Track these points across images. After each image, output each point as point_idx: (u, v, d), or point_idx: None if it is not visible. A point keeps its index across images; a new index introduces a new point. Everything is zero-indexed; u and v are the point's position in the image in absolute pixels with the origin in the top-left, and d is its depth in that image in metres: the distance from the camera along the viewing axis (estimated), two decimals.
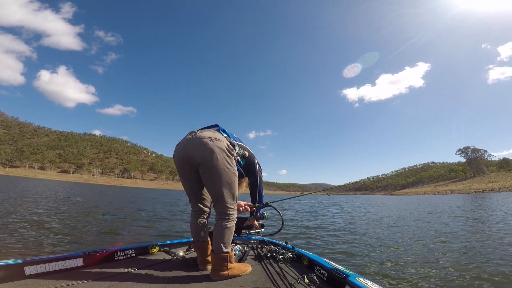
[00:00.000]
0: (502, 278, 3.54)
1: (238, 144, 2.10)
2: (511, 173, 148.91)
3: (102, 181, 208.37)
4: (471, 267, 4.02)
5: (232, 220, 1.84)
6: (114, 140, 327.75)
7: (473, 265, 4.14)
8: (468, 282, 3.40)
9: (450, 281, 3.45)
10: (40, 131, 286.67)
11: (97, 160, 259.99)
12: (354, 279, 1.40)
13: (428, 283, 3.39)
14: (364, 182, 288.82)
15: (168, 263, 2.09)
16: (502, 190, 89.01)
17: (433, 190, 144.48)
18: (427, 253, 5.05)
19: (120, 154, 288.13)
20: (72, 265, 1.85)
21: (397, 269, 3.98)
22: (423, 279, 3.54)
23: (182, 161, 1.84)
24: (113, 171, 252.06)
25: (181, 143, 1.87)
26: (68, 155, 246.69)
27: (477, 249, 5.23)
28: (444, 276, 3.66)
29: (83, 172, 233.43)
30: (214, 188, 1.79)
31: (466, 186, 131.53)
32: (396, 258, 4.61)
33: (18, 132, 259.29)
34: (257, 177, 2.30)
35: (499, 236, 6.70)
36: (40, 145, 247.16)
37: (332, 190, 4.38)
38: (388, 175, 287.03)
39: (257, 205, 2.46)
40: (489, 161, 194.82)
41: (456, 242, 6.03)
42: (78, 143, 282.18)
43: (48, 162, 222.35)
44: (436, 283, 3.40)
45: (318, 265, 1.80)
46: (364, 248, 5.43)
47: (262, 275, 1.81)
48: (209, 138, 1.78)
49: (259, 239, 2.68)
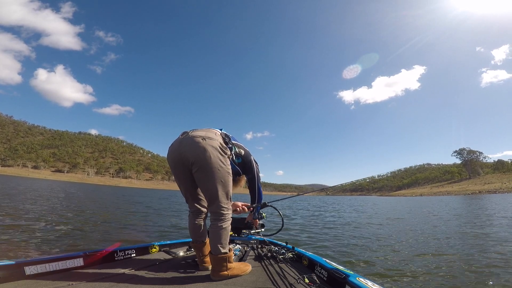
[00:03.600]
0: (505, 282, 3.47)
1: (233, 143, 2.08)
2: (506, 175, 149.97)
3: (97, 180, 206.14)
4: (472, 268, 4.01)
5: (227, 220, 1.81)
6: (109, 139, 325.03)
7: (474, 266, 4.10)
8: (468, 282, 3.41)
9: (450, 281, 3.46)
10: (35, 130, 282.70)
11: (92, 159, 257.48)
12: (354, 279, 1.39)
13: (428, 283, 3.42)
14: (360, 183, 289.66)
15: (168, 263, 2.08)
16: (498, 192, 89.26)
17: (429, 191, 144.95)
18: (428, 253, 5.03)
19: (115, 153, 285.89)
20: (72, 265, 1.84)
21: (397, 269, 4.00)
22: (423, 279, 3.56)
23: (175, 161, 1.83)
24: (108, 171, 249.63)
25: (174, 143, 1.87)
26: (63, 154, 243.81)
27: (480, 252, 5.04)
28: (444, 276, 3.67)
29: (77, 172, 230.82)
30: (207, 187, 1.77)
31: (462, 188, 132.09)
32: (397, 259, 4.61)
33: (12, 131, 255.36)
34: (254, 174, 2.29)
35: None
36: (34, 144, 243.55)
37: (329, 190, 4.30)
38: (384, 176, 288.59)
39: (255, 205, 2.44)
40: (484, 162, 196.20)
41: (457, 243, 5.94)
42: (73, 142, 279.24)
43: (42, 161, 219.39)
44: (436, 283, 3.41)
45: (318, 265, 1.79)
46: (364, 248, 5.45)
47: (262, 275, 1.80)
48: (201, 137, 1.77)
49: (259, 239, 2.67)
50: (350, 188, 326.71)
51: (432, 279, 3.54)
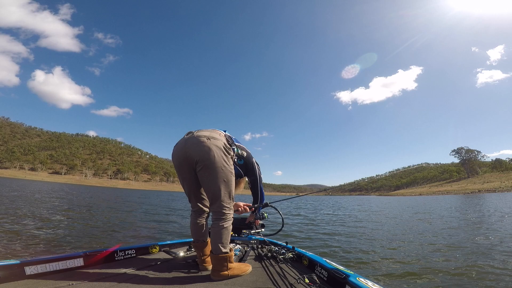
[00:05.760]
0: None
1: (236, 144, 2.11)
2: (504, 174, 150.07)
3: (95, 182, 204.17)
4: (472, 269, 3.97)
5: (228, 220, 1.82)
6: (107, 141, 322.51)
7: (474, 268, 4.06)
8: (468, 283, 3.42)
9: (450, 281, 3.46)
10: (32, 132, 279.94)
11: (89, 161, 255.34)
12: (354, 279, 1.39)
13: (429, 283, 3.42)
14: (358, 183, 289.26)
15: (169, 263, 2.08)
16: (498, 191, 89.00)
17: (428, 190, 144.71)
18: (428, 254, 4.96)
19: (113, 155, 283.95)
20: (73, 265, 1.85)
21: (397, 269, 4.00)
22: (424, 279, 3.57)
23: (180, 161, 1.85)
24: (106, 172, 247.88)
25: (179, 143, 1.89)
26: (60, 156, 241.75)
27: (488, 254, 4.88)
28: (444, 276, 3.66)
29: (75, 173, 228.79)
30: (210, 186, 1.79)
31: (461, 187, 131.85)
32: (397, 259, 4.58)
33: (9, 133, 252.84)
34: (256, 176, 2.31)
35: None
36: (31, 145, 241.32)
37: (329, 191, 4.50)
38: (382, 176, 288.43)
39: (257, 206, 2.45)
40: (482, 162, 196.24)
41: (460, 245, 5.79)
42: (71, 144, 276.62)
43: (39, 163, 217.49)
44: (437, 283, 3.41)
45: (319, 265, 1.79)
46: (364, 248, 5.42)
47: (263, 275, 1.80)
48: (206, 136, 1.80)
49: (260, 239, 2.67)
50: (349, 188, 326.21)
51: (432, 279, 3.52)
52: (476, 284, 3.36)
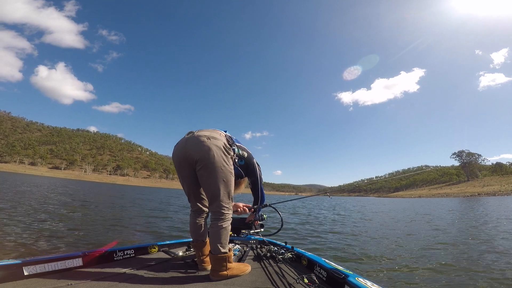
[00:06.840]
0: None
1: (237, 145, 2.11)
2: (504, 178, 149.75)
3: (94, 178, 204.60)
4: (472, 270, 4.00)
5: (227, 220, 1.82)
6: (107, 136, 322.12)
7: (473, 268, 4.08)
8: (469, 283, 3.45)
9: (450, 281, 3.48)
10: (33, 126, 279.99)
11: (89, 156, 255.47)
12: (353, 279, 1.39)
13: (429, 283, 3.43)
14: (358, 184, 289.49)
15: (168, 263, 2.08)
16: (497, 194, 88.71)
17: (427, 193, 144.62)
18: (428, 254, 4.99)
19: (113, 151, 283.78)
20: (71, 265, 1.84)
21: (397, 269, 4.02)
22: (424, 279, 3.59)
23: (180, 160, 1.86)
24: (105, 168, 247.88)
25: (180, 142, 1.90)
26: (60, 151, 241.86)
27: (487, 255, 4.93)
28: (444, 276, 3.69)
29: (74, 169, 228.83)
30: (209, 185, 1.79)
31: (461, 190, 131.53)
32: (396, 259, 4.60)
33: (10, 127, 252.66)
34: (257, 177, 2.31)
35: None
36: (32, 140, 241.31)
37: (328, 192, 4.70)
38: (382, 178, 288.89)
39: (256, 207, 2.45)
40: (482, 165, 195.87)
41: (458, 246, 5.86)
42: (71, 139, 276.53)
43: (39, 157, 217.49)
44: (436, 283, 3.43)
45: (318, 265, 1.79)
46: (364, 249, 5.43)
47: (262, 275, 1.80)
48: (206, 136, 1.81)
49: (259, 239, 2.67)
50: (348, 189, 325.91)
51: (432, 279, 3.54)
52: (476, 284, 3.37)
